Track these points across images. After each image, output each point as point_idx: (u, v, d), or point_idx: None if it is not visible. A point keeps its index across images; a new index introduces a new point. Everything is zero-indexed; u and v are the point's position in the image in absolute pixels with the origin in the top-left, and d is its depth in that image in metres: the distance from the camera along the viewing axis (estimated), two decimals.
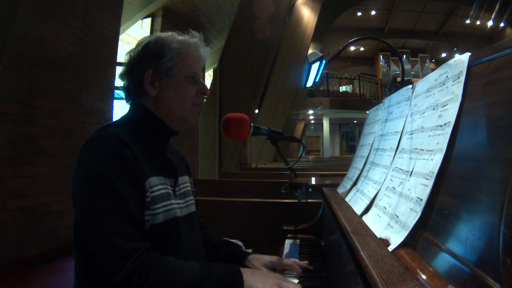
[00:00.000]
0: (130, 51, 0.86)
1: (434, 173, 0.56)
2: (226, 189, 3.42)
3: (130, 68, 0.85)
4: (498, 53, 0.46)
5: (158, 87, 0.83)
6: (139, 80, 0.83)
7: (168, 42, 0.83)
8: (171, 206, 0.81)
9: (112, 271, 0.65)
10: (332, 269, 0.94)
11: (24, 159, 2.68)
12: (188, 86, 0.85)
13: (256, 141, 9.73)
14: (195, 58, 0.87)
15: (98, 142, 0.74)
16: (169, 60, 0.82)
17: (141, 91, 0.84)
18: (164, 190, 0.81)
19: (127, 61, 0.86)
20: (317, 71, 1.85)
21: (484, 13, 12.45)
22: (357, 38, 1.68)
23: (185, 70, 0.85)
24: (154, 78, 0.83)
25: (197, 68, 0.87)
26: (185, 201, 0.91)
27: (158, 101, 0.84)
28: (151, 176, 0.78)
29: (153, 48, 0.83)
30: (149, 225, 0.75)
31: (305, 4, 10.70)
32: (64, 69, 2.99)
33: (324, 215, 1.27)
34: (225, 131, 1.03)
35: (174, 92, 0.84)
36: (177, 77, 0.84)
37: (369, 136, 1.15)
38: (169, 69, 0.83)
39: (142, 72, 0.82)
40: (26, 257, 2.64)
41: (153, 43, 0.84)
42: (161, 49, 0.83)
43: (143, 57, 0.83)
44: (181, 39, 0.86)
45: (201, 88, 0.88)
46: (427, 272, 0.46)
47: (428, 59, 17.20)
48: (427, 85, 0.72)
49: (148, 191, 0.76)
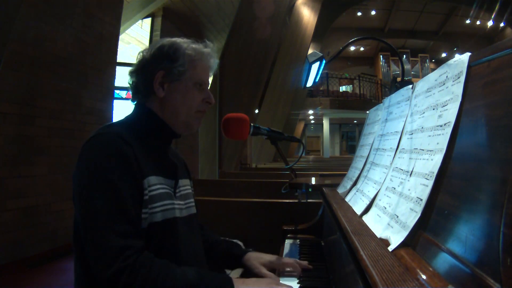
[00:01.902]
0: (144, 50, 0.89)
1: (434, 173, 0.56)
2: (226, 189, 3.41)
3: (141, 67, 0.86)
4: (498, 53, 0.46)
5: (167, 89, 0.85)
6: (149, 80, 0.85)
7: (183, 48, 0.86)
8: (171, 206, 0.82)
9: (102, 266, 0.65)
10: (332, 269, 0.94)
11: (24, 159, 2.68)
12: (195, 92, 0.87)
13: (256, 141, 9.73)
14: (206, 67, 0.90)
15: (100, 140, 0.74)
16: (181, 65, 0.85)
17: (149, 91, 0.86)
18: (163, 189, 0.81)
19: (139, 60, 0.88)
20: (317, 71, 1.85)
21: (484, 13, 12.45)
22: (357, 38, 1.68)
23: (195, 77, 0.87)
24: (164, 80, 0.85)
25: (206, 77, 0.90)
26: (185, 203, 0.91)
27: (165, 102, 0.86)
28: (151, 175, 0.78)
29: (167, 51, 0.85)
30: (147, 223, 0.75)
31: (305, 4, 10.69)
32: (64, 69, 2.99)
33: (324, 215, 1.27)
34: (225, 131, 1.03)
35: (182, 96, 0.86)
36: (187, 83, 0.86)
37: (369, 136, 1.15)
38: (180, 73, 0.85)
39: (154, 73, 0.84)
40: (26, 257, 2.63)
41: (167, 46, 0.86)
42: (175, 54, 0.85)
43: (157, 58, 0.85)
44: (195, 47, 0.88)
45: (207, 97, 0.90)
46: (427, 272, 0.46)
47: (428, 59, 17.19)
48: (427, 85, 0.72)
49: (147, 189, 0.76)
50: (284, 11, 7.54)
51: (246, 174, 5.03)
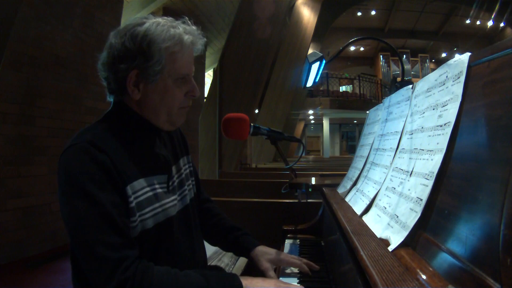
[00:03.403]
0: (114, 35, 0.75)
1: (434, 173, 0.56)
2: (226, 189, 3.41)
3: (112, 60, 0.74)
4: (498, 53, 0.46)
5: (143, 90, 0.76)
6: (122, 79, 0.74)
7: (158, 42, 0.73)
8: (161, 208, 0.78)
9: (102, 282, 0.63)
10: (332, 269, 0.94)
11: (24, 159, 2.68)
12: (176, 90, 0.77)
13: (256, 141, 9.72)
14: (187, 58, 0.78)
15: (73, 151, 0.70)
16: (158, 63, 0.73)
17: (123, 90, 0.76)
18: (151, 192, 0.77)
19: (107, 50, 0.75)
20: (317, 71, 1.85)
21: (484, 13, 12.45)
22: (357, 38, 1.68)
23: (175, 73, 0.76)
24: (139, 80, 0.75)
25: (188, 69, 0.79)
26: (180, 193, 0.87)
27: (142, 104, 0.77)
28: (135, 179, 0.74)
29: (139, 45, 0.72)
30: (139, 231, 0.73)
31: (305, 4, 10.69)
32: (64, 69, 2.99)
33: (324, 215, 1.27)
34: (225, 131, 1.03)
35: (160, 97, 0.77)
36: (165, 81, 0.76)
37: (369, 136, 1.15)
38: (156, 73, 0.74)
39: (126, 72, 0.73)
40: (26, 257, 2.64)
41: (140, 37, 0.72)
42: (149, 49, 0.73)
43: (128, 54, 0.73)
44: (173, 34, 0.75)
45: (191, 90, 0.80)
46: (427, 272, 0.46)
47: (428, 59, 17.19)
48: (427, 85, 0.72)
49: (131, 196, 0.72)
50: (284, 11, 7.54)
51: (246, 174, 5.02)
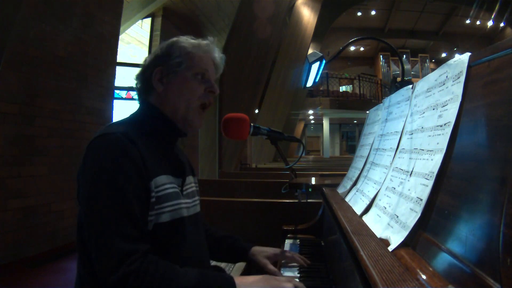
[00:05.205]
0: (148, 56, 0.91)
1: (434, 173, 0.56)
2: (226, 189, 3.41)
3: (144, 70, 0.88)
4: (498, 53, 0.46)
5: (166, 83, 0.85)
6: (149, 78, 0.86)
7: (179, 42, 0.87)
8: (179, 206, 0.81)
9: (108, 270, 0.65)
10: (332, 269, 0.94)
11: (24, 159, 2.68)
12: (195, 83, 0.86)
13: (256, 141, 9.73)
14: (205, 57, 0.89)
15: (106, 140, 0.73)
16: (177, 57, 0.85)
17: (149, 88, 0.86)
18: (172, 189, 0.80)
19: (142, 64, 0.90)
20: (317, 71, 1.85)
21: (484, 13, 12.45)
22: (357, 38, 1.68)
23: (194, 67, 0.86)
24: (162, 75, 0.85)
25: (206, 66, 0.88)
26: (192, 201, 0.91)
27: (164, 97, 0.86)
28: (159, 175, 0.77)
29: (164, 48, 0.87)
30: (153, 224, 0.75)
31: (305, 4, 10.69)
32: (64, 69, 2.99)
33: (324, 215, 1.27)
34: (225, 131, 1.03)
35: (178, 88, 0.85)
36: (184, 74, 0.85)
37: (369, 136, 1.15)
38: (176, 65, 0.85)
39: (153, 70, 0.86)
40: (26, 257, 2.64)
41: (165, 45, 0.88)
42: (171, 48, 0.86)
43: (155, 57, 0.87)
44: (192, 41, 0.89)
45: (210, 87, 0.88)
46: (427, 272, 0.46)
47: (428, 59, 17.19)
48: (427, 85, 0.72)
49: (153, 191, 0.75)
50: (284, 11, 7.54)
51: (246, 174, 5.02)
